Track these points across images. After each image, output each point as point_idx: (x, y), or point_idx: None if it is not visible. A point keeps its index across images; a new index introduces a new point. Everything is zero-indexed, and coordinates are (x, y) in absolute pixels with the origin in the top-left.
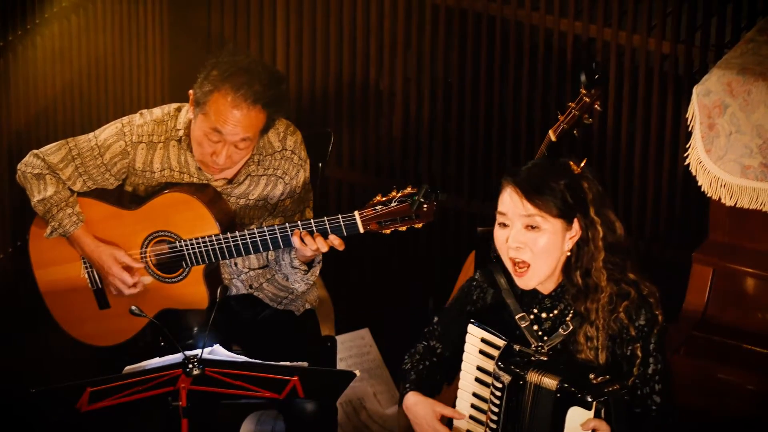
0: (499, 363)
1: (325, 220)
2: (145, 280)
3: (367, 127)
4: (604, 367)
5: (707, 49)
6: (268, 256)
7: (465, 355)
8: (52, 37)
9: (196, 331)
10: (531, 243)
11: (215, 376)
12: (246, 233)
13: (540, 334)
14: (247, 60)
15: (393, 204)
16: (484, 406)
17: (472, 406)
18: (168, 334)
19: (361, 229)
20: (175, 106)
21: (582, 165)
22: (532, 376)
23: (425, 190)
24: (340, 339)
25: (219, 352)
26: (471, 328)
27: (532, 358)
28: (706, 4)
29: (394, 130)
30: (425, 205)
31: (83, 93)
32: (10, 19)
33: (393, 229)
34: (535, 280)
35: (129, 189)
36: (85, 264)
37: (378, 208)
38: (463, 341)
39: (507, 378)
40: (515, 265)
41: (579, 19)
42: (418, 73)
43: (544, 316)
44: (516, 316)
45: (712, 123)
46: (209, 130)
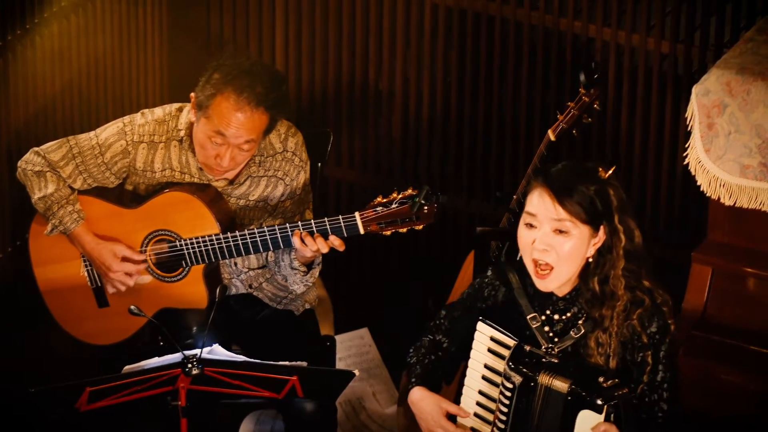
0: (510, 363)
1: (325, 221)
2: (145, 279)
3: (366, 126)
4: (613, 372)
5: (706, 48)
6: (268, 257)
7: (473, 353)
8: (52, 36)
9: (195, 330)
10: (558, 246)
11: (214, 375)
12: (246, 233)
13: (551, 335)
14: (249, 62)
15: (394, 205)
16: (491, 405)
17: (478, 404)
18: (167, 334)
19: (362, 230)
20: (176, 106)
21: (610, 172)
22: (543, 378)
23: (426, 192)
24: (339, 339)
25: (218, 352)
26: (480, 325)
27: (543, 360)
28: (705, 4)
29: (394, 130)
30: (426, 207)
31: (82, 93)
32: (10, 18)
33: (393, 230)
34: (556, 283)
35: (129, 188)
36: (84, 262)
37: (378, 209)
38: (470, 337)
39: (518, 378)
40: (537, 267)
41: (578, 18)
42: (418, 73)
43: (556, 317)
44: (527, 316)
45: (711, 122)
46: (212, 133)
